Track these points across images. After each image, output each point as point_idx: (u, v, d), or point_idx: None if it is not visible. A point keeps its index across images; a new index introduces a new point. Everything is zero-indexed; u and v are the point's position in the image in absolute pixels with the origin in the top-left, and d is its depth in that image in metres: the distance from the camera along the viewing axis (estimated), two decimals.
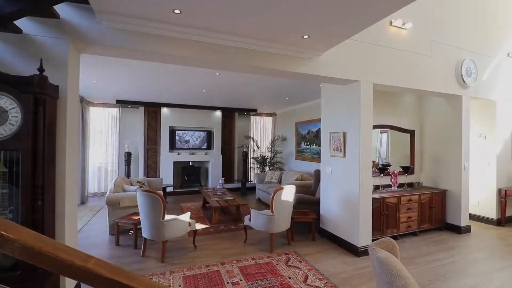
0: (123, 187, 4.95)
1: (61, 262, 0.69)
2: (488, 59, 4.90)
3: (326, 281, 2.93)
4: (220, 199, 5.36)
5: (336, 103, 4.16)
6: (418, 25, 4.08)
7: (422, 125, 5.28)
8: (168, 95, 6.69)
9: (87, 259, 0.74)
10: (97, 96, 6.77)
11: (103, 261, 0.78)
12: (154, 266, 3.29)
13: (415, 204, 4.39)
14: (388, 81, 3.83)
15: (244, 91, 6.21)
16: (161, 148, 7.94)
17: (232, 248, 3.89)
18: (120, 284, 0.75)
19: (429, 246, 4.01)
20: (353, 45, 3.58)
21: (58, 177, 2.37)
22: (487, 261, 3.51)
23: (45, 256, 0.68)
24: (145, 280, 0.80)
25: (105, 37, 2.53)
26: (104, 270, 0.74)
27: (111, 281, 0.74)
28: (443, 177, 4.88)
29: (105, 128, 7.84)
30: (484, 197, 5.15)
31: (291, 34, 2.81)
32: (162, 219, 3.40)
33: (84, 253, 0.78)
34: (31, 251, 0.68)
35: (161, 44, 2.71)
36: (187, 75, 4.81)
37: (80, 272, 0.72)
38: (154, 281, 0.81)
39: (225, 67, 3.23)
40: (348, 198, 3.82)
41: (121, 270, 0.78)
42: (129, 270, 0.80)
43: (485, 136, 5.12)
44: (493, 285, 2.92)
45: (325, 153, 4.36)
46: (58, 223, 2.38)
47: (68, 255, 0.71)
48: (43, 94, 2.08)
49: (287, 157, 8.72)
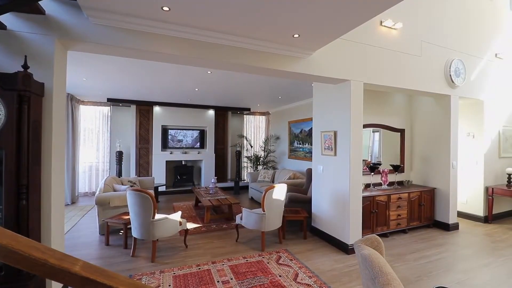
0: (114, 187, 4.90)
1: (34, 261, 0.68)
2: (477, 60, 4.98)
3: (316, 279, 2.95)
4: (213, 198, 5.34)
5: (327, 102, 4.19)
6: (408, 25, 4.13)
7: (412, 124, 5.35)
8: (160, 93, 6.63)
9: (63, 258, 0.73)
10: (87, 94, 6.68)
11: (80, 260, 0.77)
12: (144, 266, 3.27)
13: (404, 202, 4.45)
14: (378, 81, 3.87)
15: (237, 90, 6.20)
16: (153, 147, 7.87)
17: (224, 247, 3.88)
18: (98, 283, 0.74)
19: (418, 243, 4.08)
20: (343, 44, 3.61)
21: (44, 176, 2.33)
22: (474, 258, 3.58)
23: (18, 255, 0.67)
24: (124, 279, 0.80)
25: (92, 34, 2.49)
26: (81, 269, 0.73)
27: (88, 280, 0.73)
28: (432, 175, 4.96)
29: (96, 126, 7.74)
30: (472, 195, 5.25)
31: (281, 33, 2.81)
32: (152, 218, 3.37)
33: (60, 252, 0.77)
34: (3, 250, 0.66)
35: (150, 42, 2.68)
36: (179, 73, 4.78)
37: (55, 271, 0.70)
38: (133, 280, 0.81)
39: (216, 65, 3.22)
40: (339, 196, 3.85)
41: (100, 269, 0.77)
42: (107, 269, 0.79)
43: (473, 135, 5.21)
44: (479, 280, 2.99)
45: (317, 152, 4.39)
46: (44, 223, 2.34)
47: (42, 254, 0.69)
48: (27, 91, 2.04)
49: (280, 156, 8.74)
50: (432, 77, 4.43)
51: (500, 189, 4.95)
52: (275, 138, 8.94)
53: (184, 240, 3.90)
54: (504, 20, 5.42)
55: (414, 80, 4.21)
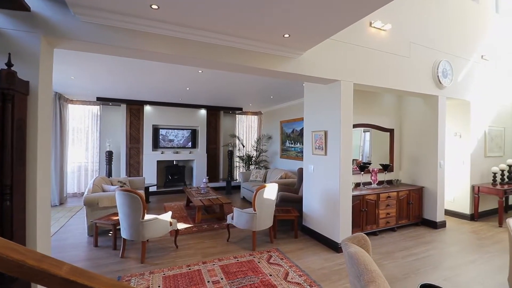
0: (102, 187, 4.82)
1: (11, 262, 0.66)
2: (463, 61, 5.10)
3: (306, 277, 2.97)
4: (204, 198, 5.32)
5: (318, 102, 4.22)
6: (397, 26, 4.19)
7: (401, 124, 5.44)
8: (151, 92, 6.56)
9: (42, 259, 0.72)
10: (76, 93, 6.56)
11: (60, 261, 0.75)
12: (134, 267, 3.23)
13: (393, 200, 4.52)
14: (367, 81, 3.92)
15: (228, 89, 6.18)
16: (144, 147, 7.79)
17: (215, 247, 3.87)
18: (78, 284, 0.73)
19: (406, 241, 4.15)
20: (334, 45, 3.64)
21: (28, 177, 2.27)
22: (460, 255, 3.67)
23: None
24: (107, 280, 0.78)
25: (79, 31, 2.45)
26: (61, 270, 0.72)
27: (68, 281, 0.72)
28: (420, 174, 5.05)
29: (85, 126, 7.61)
30: (458, 194, 5.37)
31: (272, 32, 2.81)
32: (141, 219, 3.33)
33: (40, 253, 0.75)
34: None
35: (139, 40, 2.65)
36: (169, 72, 4.74)
37: (33, 273, 0.69)
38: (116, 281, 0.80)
39: (206, 64, 3.20)
40: (329, 195, 3.88)
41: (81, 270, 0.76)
42: (89, 270, 0.78)
43: (460, 135, 5.33)
44: (465, 277, 3.06)
45: (308, 151, 4.41)
46: (29, 224, 2.29)
47: (19, 255, 0.68)
48: (11, 89, 1.99)
49: (272, 155, 8.76)
50: (421, 78, 4.51)
51: (485, 187, 5.07)
52: (267, 137, 8.96)
53: (175, 240, 3.87)
54: (489, 23, 5.56)
55: (403, 81, 4.28)
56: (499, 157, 5.72)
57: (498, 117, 5.71)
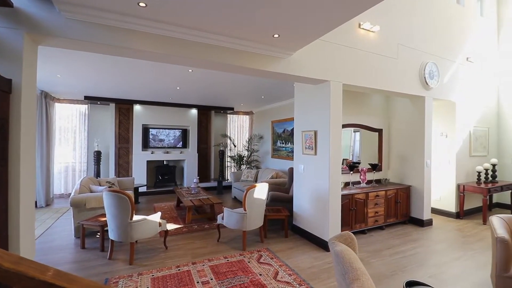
0: (90, 188, 4.73)
1: None
2: (449, 63, 5.22)
3: (295, 276, 2.99)
4: (194, 198, 5.28)
5: (308, 102, 4.25)
6: (385, 28, 4.26)
7: (389, 124, 5.53)
8: (140, 91, 6.48)
9: (20, 262, 0.70)
10: (63, 91, 6.41)
11: (39, 263, 0.74)
12: (122, 269, 3.18)
13: (382, 199, 4.59)
14: (356, 82, 3.97)
15: (219, 89, 6.16)
16: (134, 147, 7.68)
17: (205, 247, 3.85)
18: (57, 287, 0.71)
19: (394, 239, 4.22)
20: (323, 46, 3.67)
21: (11, 178, 2.21)
22: (446, 252, 3.76)
23: None
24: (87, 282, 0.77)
25: (64, 29, 2.40)
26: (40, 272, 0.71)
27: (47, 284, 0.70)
28: (408, 173, 5.15)
29: (72, 125, 7.45)
30: (445, 192, 5.50)
31: (261, 32, 2.82)
32: (130, 220, 3.29)
33: (17, 255, 0.73)
34: None
35: (127, 38, 2.61)
36: (159, 71, 4.68)
37: (9, 275, 0.67)
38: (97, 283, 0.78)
39: (195, 64, 3.18)
40: (319, 195, 3.91)
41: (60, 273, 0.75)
42: (69, 272, 0.77)
43: (446, 135, 5.46)
44: (450, 273, 3.13)
45: (298, 151, 4.44)
46: (12, 225, 2.23)
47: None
48: None
49: (264, 155, 8.77)
50: (408, 79, 4.59)
51: (470, 186, 5.21)
52: (258, 137, 8.97)
53: (164, 241, 3.83)
54: (474, 26, 5.71)
55: (391, 82, 4.35)
56: (484, 156, 5.89)
57: (482, 118, 5.87)
